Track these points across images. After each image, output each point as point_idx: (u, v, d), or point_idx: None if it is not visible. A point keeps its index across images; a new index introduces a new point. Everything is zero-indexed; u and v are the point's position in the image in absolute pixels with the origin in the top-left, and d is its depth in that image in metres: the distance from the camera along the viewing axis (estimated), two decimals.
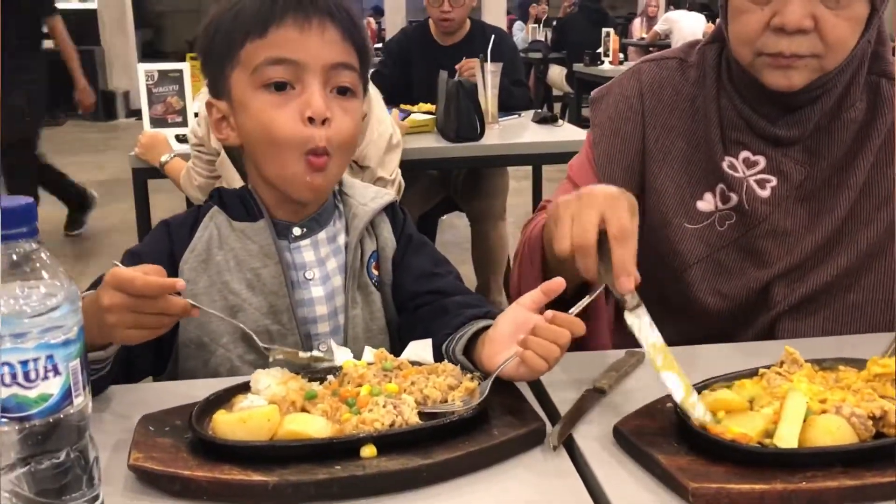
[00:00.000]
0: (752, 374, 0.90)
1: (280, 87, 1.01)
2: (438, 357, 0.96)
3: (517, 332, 0.89)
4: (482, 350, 0.92)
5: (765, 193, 1.16)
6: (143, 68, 2.62)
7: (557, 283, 0.91)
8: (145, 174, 2.59)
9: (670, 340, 0.92)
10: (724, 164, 1.18)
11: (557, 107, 7.81)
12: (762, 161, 1.17)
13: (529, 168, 3.90)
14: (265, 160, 1.05)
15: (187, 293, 1.06)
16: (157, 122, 2.61)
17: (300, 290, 1.09)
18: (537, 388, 0.96)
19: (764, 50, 1.07)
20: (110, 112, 9.80)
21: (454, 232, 4.32)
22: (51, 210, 5.52)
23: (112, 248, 4.61)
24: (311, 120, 1.00)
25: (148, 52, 14.88)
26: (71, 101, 5.10)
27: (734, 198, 1.18)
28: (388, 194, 1.18)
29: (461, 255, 3.58)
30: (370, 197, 1.16)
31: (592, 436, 0.85)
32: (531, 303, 0.92)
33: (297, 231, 1.10)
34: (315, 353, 0.92)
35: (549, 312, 0.87)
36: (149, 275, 0.85)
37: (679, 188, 1.21)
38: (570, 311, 0.89)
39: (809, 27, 1.03)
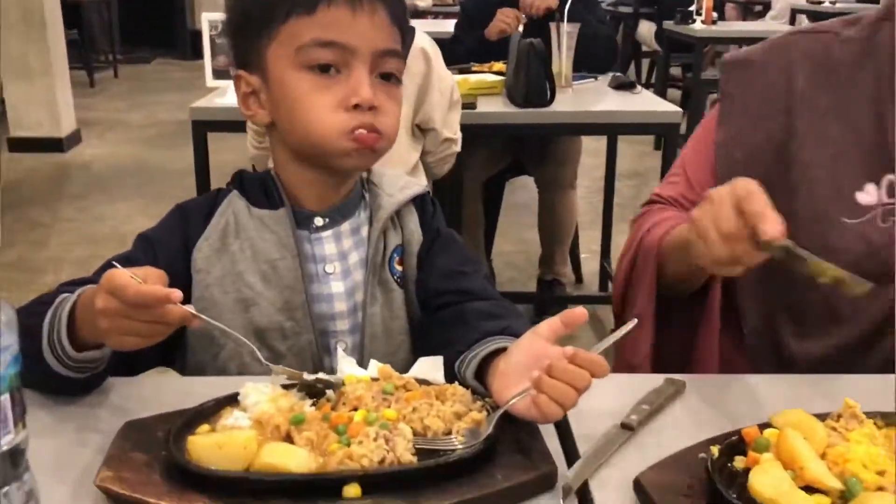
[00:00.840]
0: None
1: (325, 69, 0.95)
2: (449, 375, 0.88)
3: (532, 365, 0.78)
4: (493, 382, 0.83)
5: None
6: (207, 17, 2.56)
7: (580, 313, 0.81)
8: (205, 126, 2.56)
9: (815, 356, 0.82)
10: None
11: (645, 64, 7.50)
12: None
13: None
14: (302, 142, 0.98)
15: (199, 283, 1.01)
16: (220, 74, 2.56)
17: (319, 284, 1.02)
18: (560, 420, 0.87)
19: None
20: (198, 51, 9.88)
21: (524, 193, 4.20)
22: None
23: (184, 189, 4.66)
24: (356, 107, 0.94)
25: None
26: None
27: None
28: (418, 185, 1.09)
29: (530, 217, 3.47)
30: (398, 187, 1.07)
31: (611, 484, 0.76)
32: (549, 332, 0.82)
33: (319, 221, 1.03)
34: (321, 375, 0.84)
35: (570, 349, 0.76)
36: (148, 279, 0.78)
37: (834, 176, 1.06)
38: (596, 347, 0.79)
39: None
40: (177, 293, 0.76)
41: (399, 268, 1.06)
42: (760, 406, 0.86)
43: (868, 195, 1.05)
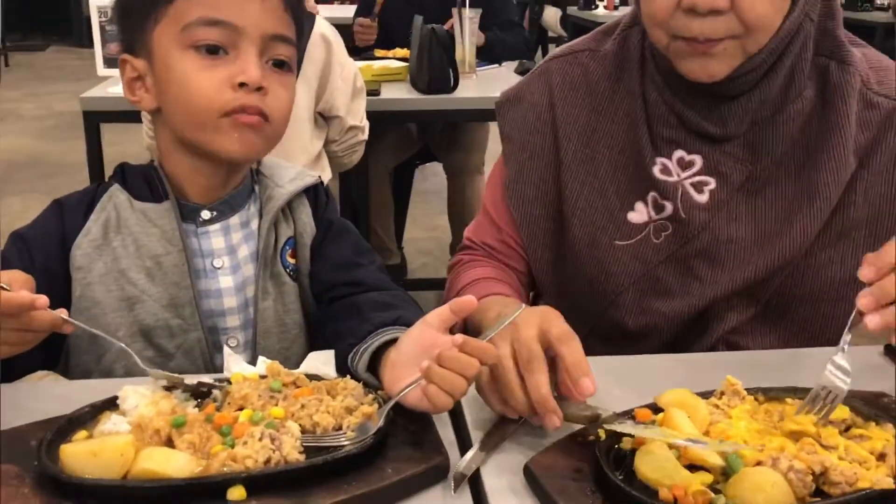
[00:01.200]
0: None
1: (212, 50, 0.91)
2: (343, 368, 0.86)
3: (422, 354, 0.78)
4: (384, 373, 0.82)
5: (702, 198, 1.03)
6: (96, 4, 2.45)
7: (468, 301, 0.80)
8: (98, 117, 2.46)
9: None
10: (656, 168, 1.04)
11: (552, 48, 7.60)
12: (698, 161, 1.03)
13: None
14: (185, 126, 0.94)
15: (80, 281, 0.96)
16: (112, 62, 2.46)
17: (207, 279, 0.99)
18: (454, 407, 0.86)
19: (678, 32, 0.94)
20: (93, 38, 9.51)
21: (435, 179, 4.19)
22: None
23: (84, 182, 4.48)
24: (241, 86, 0.90)
25: None
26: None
27: (668, 206, 1.04)
28: (311, 175, 1.06)
29: (440, 204, 3.47)
30: (289, 178, 1.04)
31: (502, 471, 0.76)
32: (439, 322, 0.81)
33: (206, 214, 0.99)
34: (203, 377, 0.81)
35: (459, 337, 0.76)
36: (14, 284, 0.74)
37: (606, 200, 1.07)
38: (484, 334, 0.79)
39: (724, 6, 0.90)
40: (42, 299, 0.72)
41: (291, 261, 1.04)
42: (646, 386, 0.87)
43: (639, 214, 1.06)
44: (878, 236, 1.02)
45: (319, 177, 1.08)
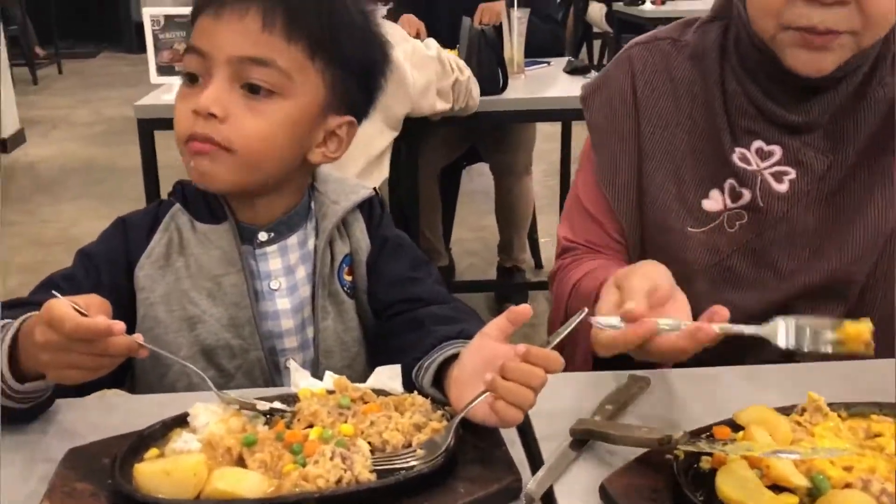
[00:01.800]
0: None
1: (193, 78, 0.91)
2: (408, 384, 0.85)
3: (485, 367, 0.76)
4: (450, 390, 0.81)
5: (782, 188, 1.02)
6: (149, 13, 2.49)
7: (524, 310, 0.79)
8: (151, 125, 2.49)
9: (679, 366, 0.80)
10: (735, 156, 1.03)
11: (597, 45, 7.51)
12: (778, 151, 1.02)
13: None
14: None
15: (143, 302, 0.96)
16: (165, 70, 2.49)
17: (265, 301, 0.99)
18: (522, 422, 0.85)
19: (793, 23, 0.92)
20: (144, 44, 9.67)
21: (482, 180, 4.17)
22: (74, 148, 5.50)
23: (135, 188, 4.55)
24: (196, 113, 0.89)
25: None
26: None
27: (746, 194, 1.03)
28: (365, 188, 1.05)
29: (488, 204, 3.45)
30: (345, 193, 1.03)
31: (577, 491, 0.74)
32: (498, 332, 0.79)
33: (263, 236, 0.99)
34: (276, 404, 0.80)
35: (522, 347, 0.74)
36: (91, 308, 0.73)
37: (681, 186, 1.06)
38: (548, 341, 0.77)
39: None
40: (119, 325, 0.71)
41: (348, 278, 1.03)
42: (725, 399, 0.84)
43: (714, 202, 1.05)
44: None
45: (374, 189, 1.07)
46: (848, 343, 0.74)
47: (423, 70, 2.15)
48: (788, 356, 1.03)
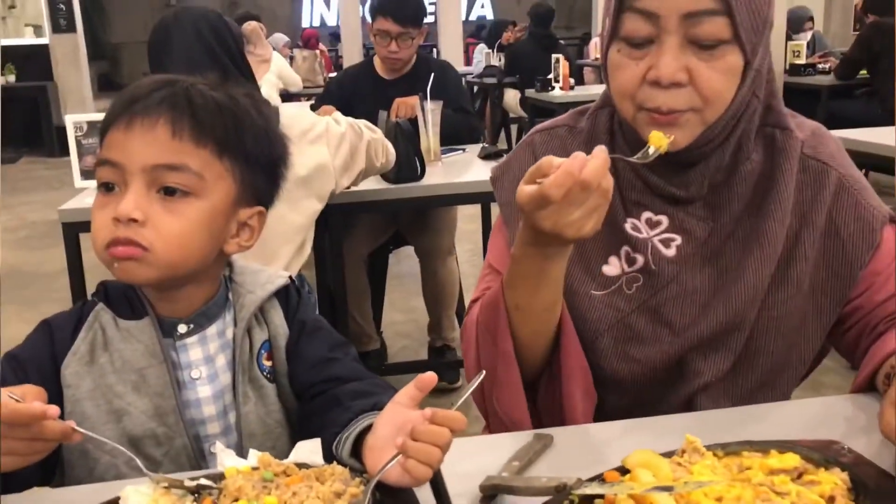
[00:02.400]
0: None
1: (109, 188, 0.98)
2: (328, 457, 0.92)
3: (397, 433, 0.84)
4: (366, 458, 0.88)
5: (670, 252, 1.14)
6: (72, 119, 2.55)
7: (430, 378, 0.87)
8: (77, 228, 2.52)
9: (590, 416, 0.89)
10: (627, 226, 1.16)
11: (515, 129, 7.83)
12: (665, 220, 1.15)
13: None
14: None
15: (70, 398, 1.01)
16: (88, 174, 2.55)
17: (187, 390, 1.05)
18: (435, 481, 0.92)
19: (644, 104, 1.05)
20: (65, 148, 9.62)
21: (410, 262, 4.27)
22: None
23: (60, 291, 4.51)
24: (117, 221, 0.95)
25: (104, 84, 14.76)
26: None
27: (640, 259, 1.15)
28: (281, 277, 1.12)
29: (415, 286, 3.54)
30: (260, 283, 1.10)
31: None
32: (408, 400, 0.88)
33: (182, 328, 1.05)
34: (203, 481, 0.85)
35: (428, 410, 0.83)
36: (27, 396, 0.79)
37: (584, 255, 1.18)
38: (452, 403, 0.86)
39: (684, 80, 1.02)
40: (54, 409, 0.77)
41: (268, 363, 1.09)
42: (620, 450, 0.93)
43: (613, 267, 1.17)
44: (822, 289, 1.14)
45: (290, 277, 1.14)
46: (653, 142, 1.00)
47: (339, 149, 2.22)
48: (688, 406, 1.14)
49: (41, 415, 0.77)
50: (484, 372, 0.90)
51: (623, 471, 0.84)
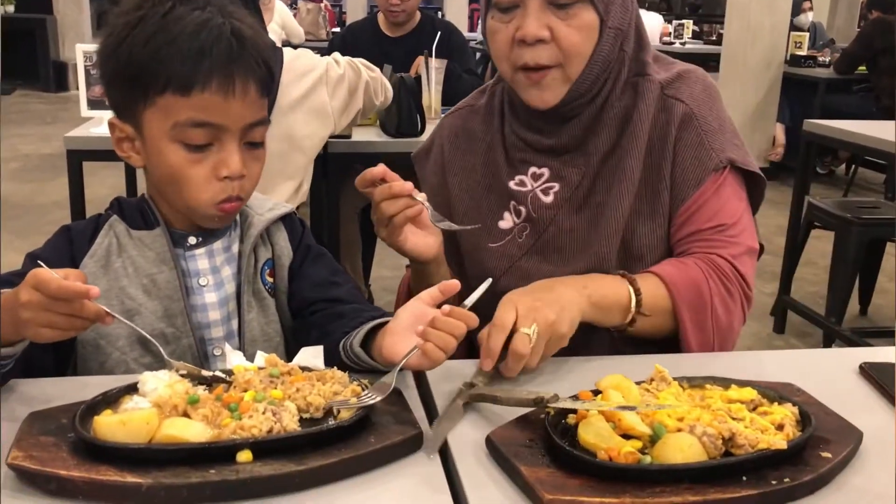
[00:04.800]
0: None
1: (200, 147, 1.04)
2: (329, 363, 1.00)
3: (416, 323, 0.96)
4: (383, 341, 0.98)
5: (548, 199, 1.27)
6: (81, 48, 2.59)
7: (454, 284, 1.00)
8: (81, 155, 2.57)
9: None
10: (512, 183, 1.30)
11: None
12: (546, 172, 1.29)
13: None
14: (173, 198, 1.09)
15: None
16: (95, 104, 2.59)
17: (194, 295, 1.13)
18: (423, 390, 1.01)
19: (516, 63, 1.18)
20: (61, 83, 9.61)
21: None
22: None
23: (53, 223, 4.54)
24: (224, 177, 1.04)
25: (103, 21, 14.56)
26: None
27: (523, 210, 1.29)
28: (286, 206, 1.21)
29: None
30: (267, 208, 1.19)
31: (468, 443, 0.89)
32: (429, 298, 1.00)
33: (192, 240, 1.13)
34: (218, 373, 0.94)
35: (447, 307, 0.95)
36: (69, 277, 0.87)
37: (482, 215, 1.32)
38: (464, 303, 0.99)
39: (546, 37, 1.15)
40: (95, 290, 0.85)
41: (270, 279, 1.18)
42: (589, 375, 1.01)
43: (506, 222, 1.31)
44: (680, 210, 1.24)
45: (293, 207, 1.23)
46: None
47: (337, 90, 2.29)
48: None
49: (84, 293, 0.85)
50: (490, 280, 1.05)
51: (596, 392, 0.93)
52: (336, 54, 2.38)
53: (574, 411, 0.89)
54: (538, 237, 1.28)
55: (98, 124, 2.61)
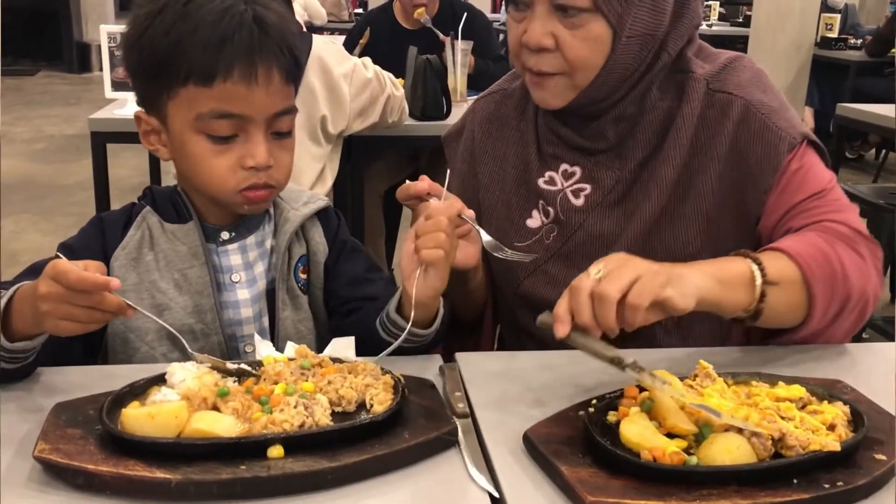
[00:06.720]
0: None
1: (224, 137, 1.01)
2: (368, 347, 0.98)
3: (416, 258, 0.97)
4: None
5: (578, 202, 1.21)
6: (106, 29, 2.57)
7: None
8: (104, 137, 2.56)
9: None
10: (541, 181, 1.23)
11: None
12: (578, 171, 1.22)
13: None
14: (202, 192, 1.07)
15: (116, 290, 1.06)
16: (119, 85, 2.57)
17: (226, 292, 1.10)
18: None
19: (524, 63, 1.13)
20: (84, 64, 9.63)
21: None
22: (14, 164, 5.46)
23: (77, 205, 4.56)
24: (251, 167, 1.02)
25: (125, 3, 14.61)
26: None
27: (552, 211, 1.23)
28: (322, 200, 1.18)
29: None
30: (302, 202, 1.16)
31: (504, 440, 0.86)
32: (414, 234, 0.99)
33: (225, 235, 1.11)
34: (243, 365, 0.91)
35: (422, 207, 0.97)
36: (90, 268, 0.85)
37: (509, 211, 1.26)
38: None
39: (550, 45, 1.09)
40: (115, 281, 0.83)
41: (303, 276, 1.15)
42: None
43: (535, 220, 1.25)
44: (727, 219, 1.17)
45: (329, 201, 1.20)
46: None
47: (360, 93, 2.27)
48: None
49: (104, 285, 0.82)
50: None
51: (641, 388, 0.89)
52: (367, 59, 2.36)
53: (615, 409, 0.86)
54: (565, 241, 1.22)
55: (122, 106, 2.59)
